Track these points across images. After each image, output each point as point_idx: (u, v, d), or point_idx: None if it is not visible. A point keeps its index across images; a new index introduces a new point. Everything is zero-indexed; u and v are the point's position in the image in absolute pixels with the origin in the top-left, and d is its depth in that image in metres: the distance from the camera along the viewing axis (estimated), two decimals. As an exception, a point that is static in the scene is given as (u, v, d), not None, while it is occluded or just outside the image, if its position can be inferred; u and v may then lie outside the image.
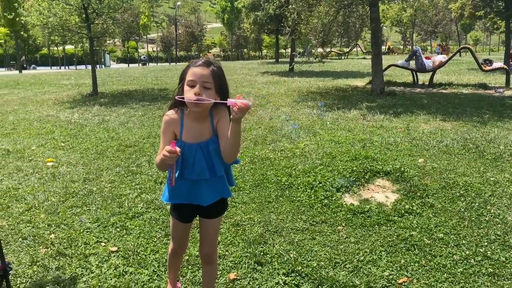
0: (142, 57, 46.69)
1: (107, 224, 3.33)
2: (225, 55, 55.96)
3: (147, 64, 40.52)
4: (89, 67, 32.46)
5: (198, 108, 1.82)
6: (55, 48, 43.23)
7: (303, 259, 2.81)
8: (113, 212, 3.54)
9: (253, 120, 6.79)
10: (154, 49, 57.29)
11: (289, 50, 47.55)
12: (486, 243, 2.98)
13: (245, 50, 56.47)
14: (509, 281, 2.56)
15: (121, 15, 9.68)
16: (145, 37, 45.68)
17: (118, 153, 5.20)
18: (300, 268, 2.70)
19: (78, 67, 37.08)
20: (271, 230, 3.21)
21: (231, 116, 1.73)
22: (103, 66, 38.09)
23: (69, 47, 44.85)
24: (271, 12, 9.88)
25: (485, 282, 2.56)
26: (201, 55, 52.48)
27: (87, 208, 3.64)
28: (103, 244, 3.05)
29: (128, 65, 37.60)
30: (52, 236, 3.16)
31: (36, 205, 3.69)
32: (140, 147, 5.47)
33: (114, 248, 2.97)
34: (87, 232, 3.23)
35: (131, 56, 49.15)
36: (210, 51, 58.55)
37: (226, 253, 2.92)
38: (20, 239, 3.12)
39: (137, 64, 39.44)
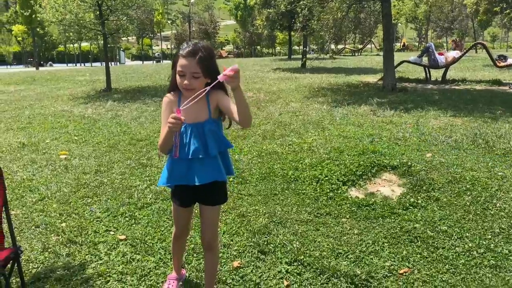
0: (156, 54, 47.13)
1: (117, 214, 3.43)
2: (239, 52, 56.03)
3: (161, 61, 40.88)
4: (104, 64, 32.95)
5: (190, 92, 1.90)
6: (71, 45, 43.88)
7: (306, 249, 2.86)
8: (123, 202, 3.64)
9: (262, 116, 6.84)
10: (168, 46, 57.71)
11: (302, 46, 47.40)
12: (490, 236, 2.99)
13: (258, 47, 56.47)
14: (510, 273, 2.57)
15: (135, 12, 9.80)
16: (159, 34, 46.08)
17: (130, 147, 5.31)
18: (302, 257, 2.75)
19: (94, 64, 37.59)
20: (276, 221, 3.26)
21: (231, 87, 1.81)
22: (118, 63, 38.55)
23: (85, 45, 45.47)
24: (282, 8, 9.92)
25: (486, 273, 2.58)
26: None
27: (98, 198, 3.74)
28: (112, 232, 3.15)
29: (143, 62, 37.98)
30: (64, 224, 3.26)
31: (49, 195, 3.81)
32: (151, 141, 5.57)
33: (123, 237, 3.06)
34: (97, 221, 3.33)
35: (145, 53, 49.63)
36: (223, 48, 58.70)
37: (231, 242, 2.99)
38: (33, 227, 3.24)
39: (152, 61, 39.82)
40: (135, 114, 7.33)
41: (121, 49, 42.94)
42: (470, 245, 2.88)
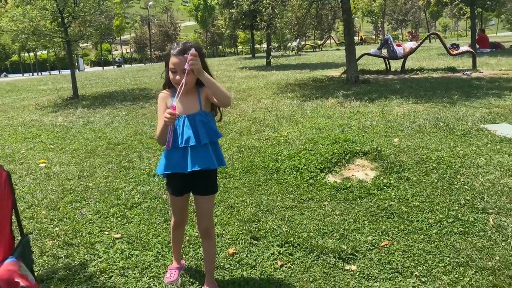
0: (117, 59, 46.18)
1: (108, 215, 3.53)
2: (200, 53, 55.64)
3: (122, 65, 40.13)
4: (63, 72, 31.91)
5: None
6: (26, 54, 42.30)
7: (294, 231, 3.08)
8: (112, 204, 3.73)
9: (236, 113, 7.02)
10: (128, 50, 56.64)
11: (264, 45, 47.75)
12: (457, 207, 3.32)
13: (220, 47, 56.41)
14: (477, 237, 2.90)
15: (98, 18, 9.72)
16: (118, 39, 45.18)
17: (108, 151, 5.36)
18: (292, 239, 2.97)
19: (52, 72, 36.45)
20: (263, 210, 3.47)
21: (195, 73, 2.09)
22: (77, 70, 37.48)
23: (42, 53, 43.96)
24: (245, 8, 10.08)
25: (456, 239, 2.89)
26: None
27: (86, 202, 3.82)
28: (106, 232, 3.25)
29: (103, 68, 37.18)
30: (57, 229, 3.34)
31: (36, 203, 3.85)
32: (128, 144, 5.63)
33: (118, 235, 3.18)
34: (89, 223, 3.42)
35: (105, 59, 48.51)
36: (184, 50, 58.05)
37: (223, 232, 3.17)
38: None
39: (112, 67, 39.02)
40: (108, 119, 7.34)
41: (79, 55, 41.80)
42: (440, 216, 3.20)
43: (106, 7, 9.70)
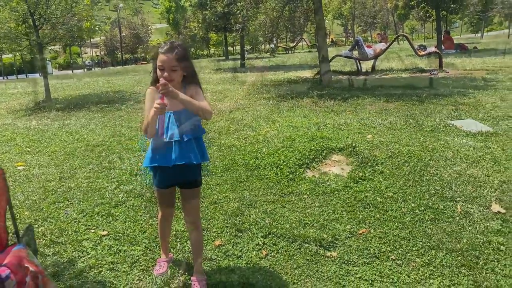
0: (87, 62, 45.29)
1: (93, 214, 3.57)
2: (173, 56, 55.22)
3: (92, 69, 39.40)
4: (31, 75, 31.01)
5: (170, 83, 2.20)
6: (-10, 58, 40.91)
7: (277, 223, 3.22)
8: (96, 203, 3.77)
9: (214, 114, 7.10)
10: (98, 53, 55.62)
11: (237, 47, 47.88)
12: (427, 197, 3.54)
13: (192, 49, 56.15)
14: (447, 223, 3.12)
15: (69, 20, 9.61)
16: (88, 41, 44.34)
17: (87, 153, 5.36)
18: (275, 230, 3.11)
19: (19, 76, 35.39)
20: (246, 204, 3.59)
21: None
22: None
23: (7, 57, 42.58)
24: (219, 10, 10.18)
25: (428, 225, 3.10)
26: (147, 56, 51.58)
27: (70, 202, 3.84)
28: (92, 230, 3.30)
29: (72, 72, 36.40)
30: (42, 228, 3.36)
31: (18, 204, 3.84)
32: (107, 145, 5.64)
33: (105, 232, 3.23)
34: (75, 222, 3.45)
35: (74, 62, 47.49)
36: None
37: (209, 226, 3.27)
38: (11, 234, 3.29)
39: (82, 70, 38.26)
40: (84, 122, 7.30)
41: (48, 59, 40.74)
42: (413, 205, 3.41)
43: (78, 9, 9.60)
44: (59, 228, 3.34)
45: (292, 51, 34.08)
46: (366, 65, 12.46)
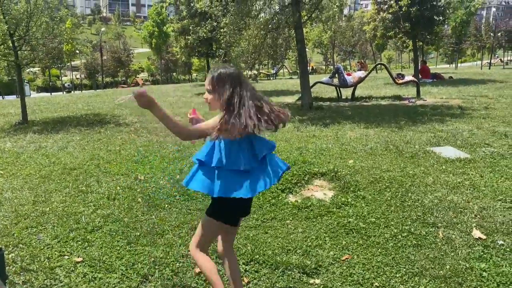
0: (66, 84, 44.80)
1: (67, 239, 3.43)
2: (154, 80, 55.40)
3: (72, 91, 38.97)
4: (7, 97, 30.41)
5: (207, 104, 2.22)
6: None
7: (259, 250, 3.15)
8: (71, 228, 3.63)
9: (195, 138, 7.07)
10: (78, 76, 55.22)
11: (218, 72, 48.06)
12: (409, 222, 3.54)
13: (174, 74, 56.36)
14: (429, 249, 3.10)
15: (51, 41, 9.52)
16: (68, 64, 44.03)
17: (64, 176, 5.20)
18: (257, 257, 3.04)
19: (-6, 97, 34.68)
20: (227, 230, 3.51)
21: None
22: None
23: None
24: (203, 35, 10.28)
25: (411, 252, 3.08)
26: (128, 80, 51.47)
27: (43, 227, 3.69)
28: (66, 256, 3.16)
29: (51, 94, 35.91)
30: (12, 255, 3.20)
31: (-13, 229, 3.67)
32: (85, 169, 5.50)
33: (79, 259, 3.10)
34: (48, 248, 3.30)
35: (53, 85, 46.93)
36: (138, 76, 57.63)
37: (189, 252, 3.17)
38: (-22, 261, 3.12)
39: (61, 92, 37.78)
40: (61, 144, 7.12)
41: (26, 81, 40.15)
42: (395, 231, 3.40)
43: (59, 31, 9.53)
44: (30, 255, 3.18)
45: (274, 78, 34.54)
46: (346, 92, 12.68)
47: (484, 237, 3.22)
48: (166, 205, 4.10)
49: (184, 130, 2.13)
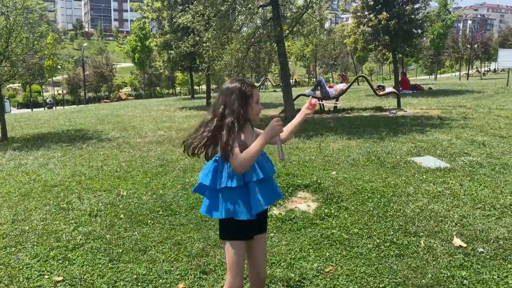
0: (47, 100, 44.24)
1: (47, 258, 3.36)
2: (137, 94, 55.14)
3: (53, 107, 38.47)
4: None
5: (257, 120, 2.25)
6: None
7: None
8: (52, 246, 3.56)
9: (179, 152, 7.04)
10: (60, 91, 54.63)
11: (203, 86, 48.32)
12: (392, 232, 3.58)
13: (158, 88, 56.22)
14: (412, 259, 3.14)
15: (31, 57, 9.43)
16: (50, 79, 43.54)
17: (45, 193, 5.11)
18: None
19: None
20: (211, 244, 3.50)
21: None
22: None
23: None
24: (185, 50, 10.32)
25: (393, 261, 3.11)
26: (111, 95, 51.13)
27: (22, 246, 3.61)
28: (46, 276, 3.09)
29: (32, 110, 35.39)
30: (-11, 276, 3.11)
31: (-36, 250, 3.57)
32: (66, 185, 5.42)
33: (60, 278, 3.04)
34: (27, 267, 3.23)
35: (34, 100, 46.28)
36: (121, 90, 57.30)
37: (172, 268, 3.14)
38: (-46, 283, 3.03)
39: (43, 108, 37.26)
40: (42, 161, 7.01)
41: (6, 97, 39.53)
42: (378, 241, 3.43)
43: (40, 47, 9.45)
44: (9, 275, 3.10)
45: (258, 90, 34.70)
46: (328, 104, 12.83)
47: (464, 245, 3.27)
48: (149, 221, 4.06)
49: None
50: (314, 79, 42.65)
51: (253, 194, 2.07)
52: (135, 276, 3.02)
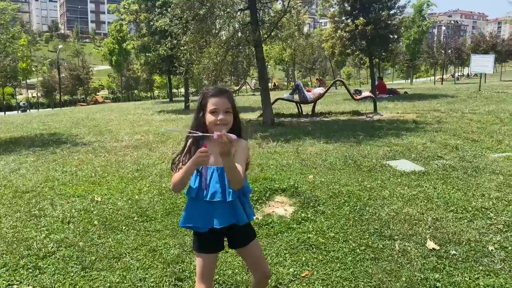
0: (21, 103, 43.09)
1: (17, 267, 3.25)
2: (114, 97, 54.36)
3: (27, 110, 37.51)
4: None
5: (223, 127, 1.99)
6: None
7: (219, 269, 3.11)
8: (22, 255, 3.45)
9: (156, 156, 6.96)
10: (34, 94, 53.35)
11: (181, 89, 48.00)
12: (367, 236, 3.61)
13: (135, 91, 55.55)
14: (386, 262, 3.17)
15: (3, 59, 9.16)
16: (24, 82, 42.45)
17: (15, 200, 4.96)
18: (217, 277, 2.99)
19: None
20: (187, 250, 3.45)
21: (218, 151, 1.85)
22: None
23: None
24: (163, 53, 10.21)
25: (369, 265, 3.14)
26: (88, 98, 50.25)
27: (-10, 255, 3.49)
28: (15, 286, 3.00)
29: (5, 113, 34.43)
30: (-46, 287, 2.99)
31: None
32: (39, 191, 5.27)
33: (29, 288, 2.94)
34: (-5, 278, 3.12)
35: (7, 103, 45.03)
36: (97, 93, 56.38)
37: (146, 275, 3.09)
38: None
39: (16, 112, 36.28)
40: (14, 166, 6.81)
41: (-23, 99, 38.39)
42: (354, 245, 3.45)
43: (12, 49, 9.20)
44: (-25, 286, 2.99)
45: (237, 94, 34.72)
46: (306, 108, 12.92)
47: (437, 247, 3.33)
48: (124, 227, 3.98)
49: (242, 179, 1.99)
50: (293, 83, 42.92)
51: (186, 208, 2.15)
52: (108, 284, 2.96)
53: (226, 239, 2.26)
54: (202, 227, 2.09)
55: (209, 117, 2.03)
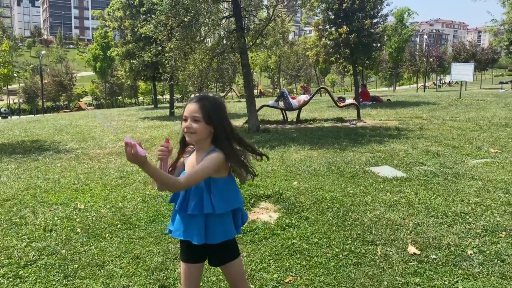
0: (2, 110, 42.32)
1: (-3, 277, 3.20)
2: (98, 104, 53.80)
3: (9, 117, 36.84)
4: None
5: (192, 136, 1.97)
6: None
7: (203, 276, 3.11)
8: (2, 264, 3.40)
9: (140, 163, 6.92)
10: (16, 100, 52.47)
11: (166, 96, 47.78)
12: (350, 241, 3.66)
13: (119, 97, 55.09)
14: (368, 267, 3.22)
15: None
16: (5, 88, 41.73)
17: (-4, 208, 4.88)
18: (201, 284, 2.99)
19: None
20: (171, 258, 3.45)
21: None
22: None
23: None
24: (148, 59, 10.18)
25: (352, 270, 3.18)
26: (71, 104, 49.64)
27: (-31, 265, 3.42)
28: (-5, 296, 2.95)
29: (-14, 119, 33.71)
30: None
31: None
32: (20, 199, 5.20)
33: (10, 297, 2.90)
34: (-26, 287, 3.06)
35: (-13, 109, 44.13)
36: (81, 100, 55.72)
37: (130, 283, 3.07)
38: None
39: (-3, 118, 35.58)
40: (-6, 174, 6.69)
41: (-44, 105, 37.54)
42: (337, 250, 3.49)
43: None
44: (-46, 296, 2.93)
45: (222, 100, 34.68)
46: (291, 115, 13.02)
47: (418, 252, 3.40)
48: (107, 235, 3.95)
49: (179, 184, 1.87)
50: (279, 90, 43.18)
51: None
52: (92, 293, 2.93)
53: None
54: (174, 235, 2.10)
55: (183, 124, 2.00)
